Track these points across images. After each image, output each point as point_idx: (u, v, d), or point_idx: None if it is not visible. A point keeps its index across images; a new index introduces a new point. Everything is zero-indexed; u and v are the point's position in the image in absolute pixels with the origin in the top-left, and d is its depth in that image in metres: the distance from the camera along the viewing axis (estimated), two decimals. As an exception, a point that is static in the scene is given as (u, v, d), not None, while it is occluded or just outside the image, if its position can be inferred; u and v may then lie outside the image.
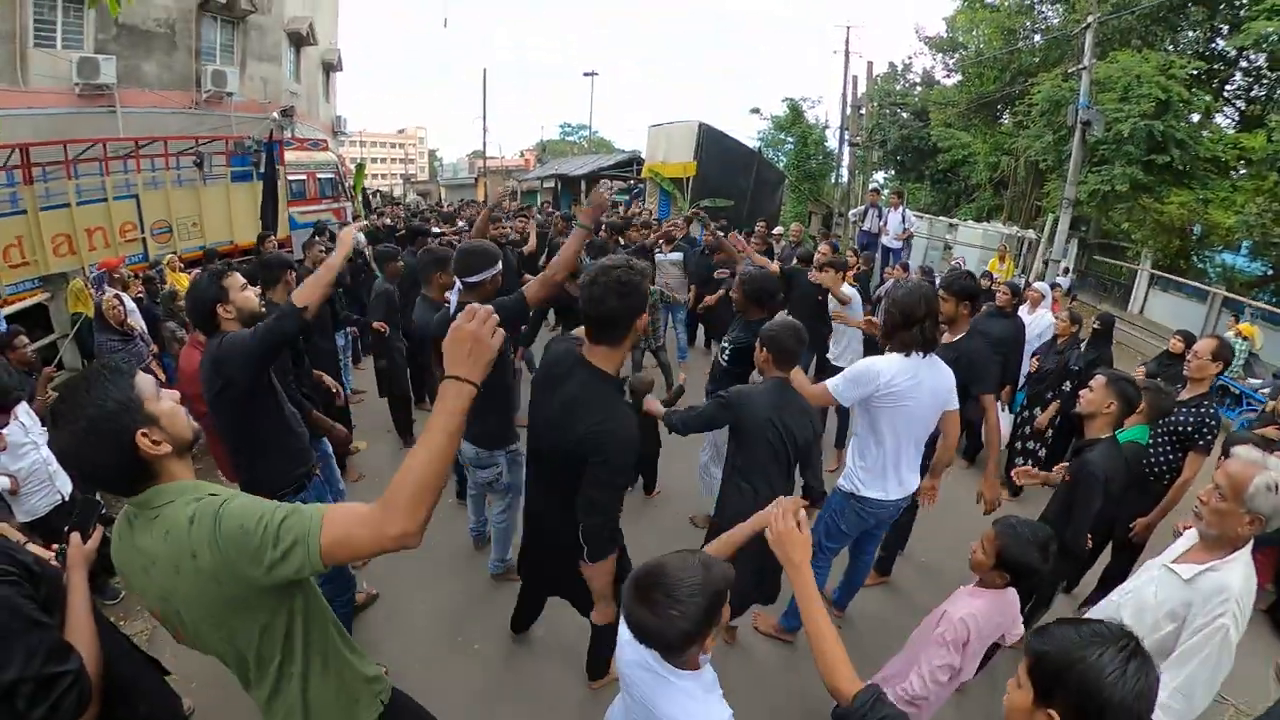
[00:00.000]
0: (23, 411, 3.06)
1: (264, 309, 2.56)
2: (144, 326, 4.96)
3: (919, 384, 2.61)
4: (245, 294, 2.47)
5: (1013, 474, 2.96)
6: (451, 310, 3.07)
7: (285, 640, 1.29)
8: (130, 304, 4.86)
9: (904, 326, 2.59)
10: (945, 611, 2.03)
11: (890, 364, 2.62)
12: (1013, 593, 2.03)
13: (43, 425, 3.83)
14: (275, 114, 12.48)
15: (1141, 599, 1.90)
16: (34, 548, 2.12)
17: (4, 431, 2.88)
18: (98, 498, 1.81)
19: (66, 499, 3.11)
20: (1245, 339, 7.65)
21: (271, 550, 1.13)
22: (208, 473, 3.36)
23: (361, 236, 2.69)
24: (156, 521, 1.20)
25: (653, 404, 3.00)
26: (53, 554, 2.05)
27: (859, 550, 3.19)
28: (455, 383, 1.18)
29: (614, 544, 2.09)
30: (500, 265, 2.99)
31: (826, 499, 2.93)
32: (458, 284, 3.00)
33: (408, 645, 3.12)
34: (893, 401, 2.63)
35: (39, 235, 7.01)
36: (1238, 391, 7.23)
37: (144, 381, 1.28)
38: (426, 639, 3.18)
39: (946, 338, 3.27)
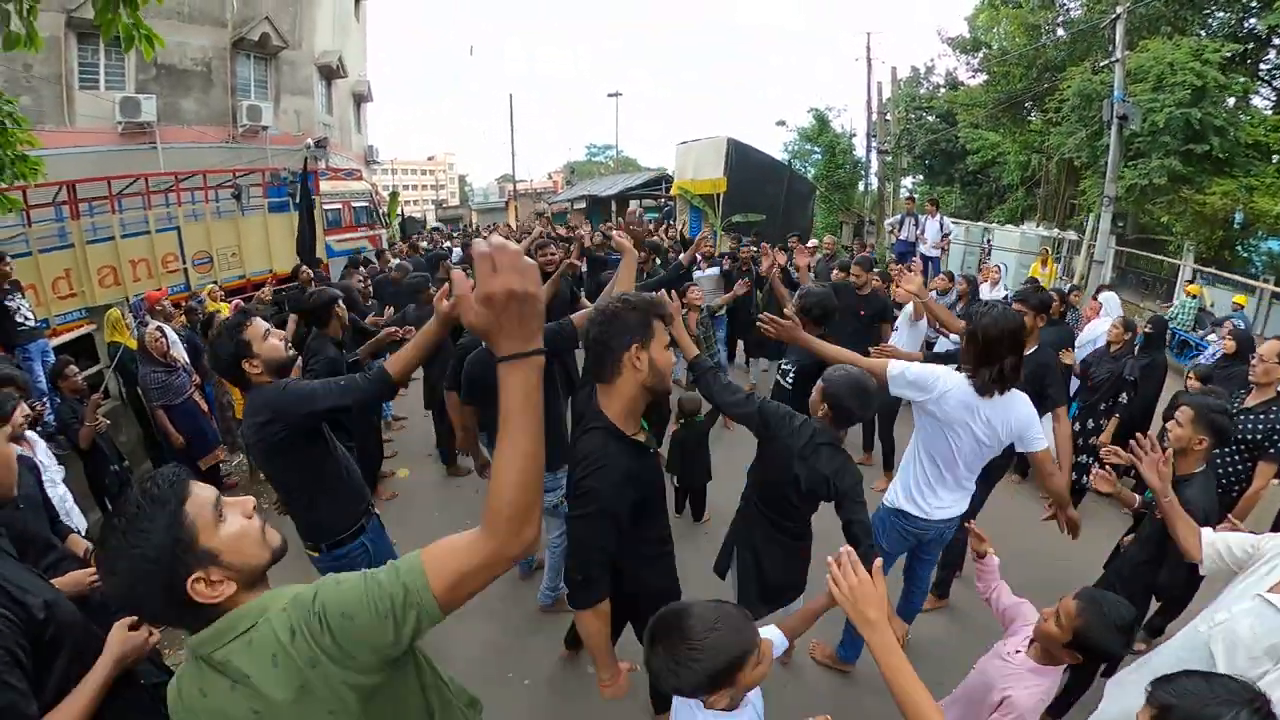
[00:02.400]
0: (41, 450, 3.12)
1: (292, 353, 2.38)
2: (187, 358, 5.07)
3: (973, 414, 2.43)
4: (270, 343, 2.26)
5: (1091, 477, 2.75)
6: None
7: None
8: (173, 336, 4.97)
9: (985, 361, 2.35)
10: (1009, 696, 1.76)
11: (954, 384, 2.43)
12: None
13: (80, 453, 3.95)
14: (309, 142, 12.82)
15: (1235, 633, 1.74)
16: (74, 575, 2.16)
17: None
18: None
19: (81, 533, 3.11)
20: (1194, 297, 8.99)
21: (393, 627, 0.97)
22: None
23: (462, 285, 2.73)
24: (249, 651, 0.99)
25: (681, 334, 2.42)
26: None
27: (912, 573, 3.07)
28: (513, 363, 0.94)
29: (593, 592, 1.84)
30: None
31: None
32: None
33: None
34: (934, 420, 2.50)
35: (86, 267, 7.29)
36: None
37: (198, 505, 1.02)
38: (474, 675, 3.06)
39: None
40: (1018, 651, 1.87)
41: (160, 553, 0.95)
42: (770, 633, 1.64)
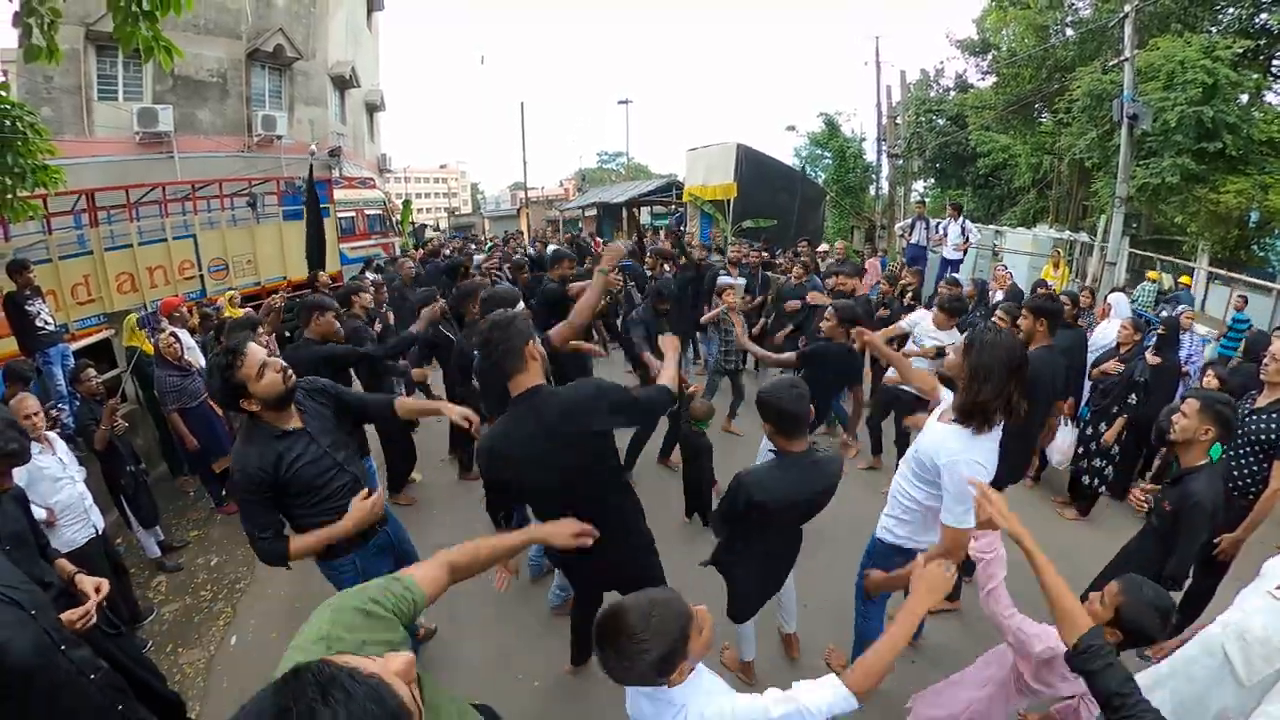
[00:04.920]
0: (61, 448, 3.19)
1: (293, 382, 2.22)
2: (202, 362, 5.15)
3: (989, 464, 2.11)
4: (267, 379, 2.07)
5: (1130, 496, 2.67)
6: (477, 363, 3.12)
7: None
8: (189, 341, 5.05)
9: (990, 401, 2.02)
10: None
11: (979, 463, 2.05)
12: None
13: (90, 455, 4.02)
14: (313, 149, 12.94)
15: (1248, 631, 1.74)
16: (84, 579, 2.22)
17: (43, 467, 2.98)
18: None
19: (100, 531, 3.24)
20: (1154, 282, 9.91)
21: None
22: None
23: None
24: None
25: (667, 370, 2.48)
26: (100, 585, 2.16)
27: None
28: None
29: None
30: (521, 306, 2.99)
31: (867, 549, 2.62)
32: None
33: (465, 682, 3.05)
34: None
35: (104, 274, 7.42)
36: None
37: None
38: (484, 675, 3.13)
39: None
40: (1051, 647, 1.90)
41: None
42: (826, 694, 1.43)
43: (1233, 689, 1.73)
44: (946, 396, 2.32)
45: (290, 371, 2.18)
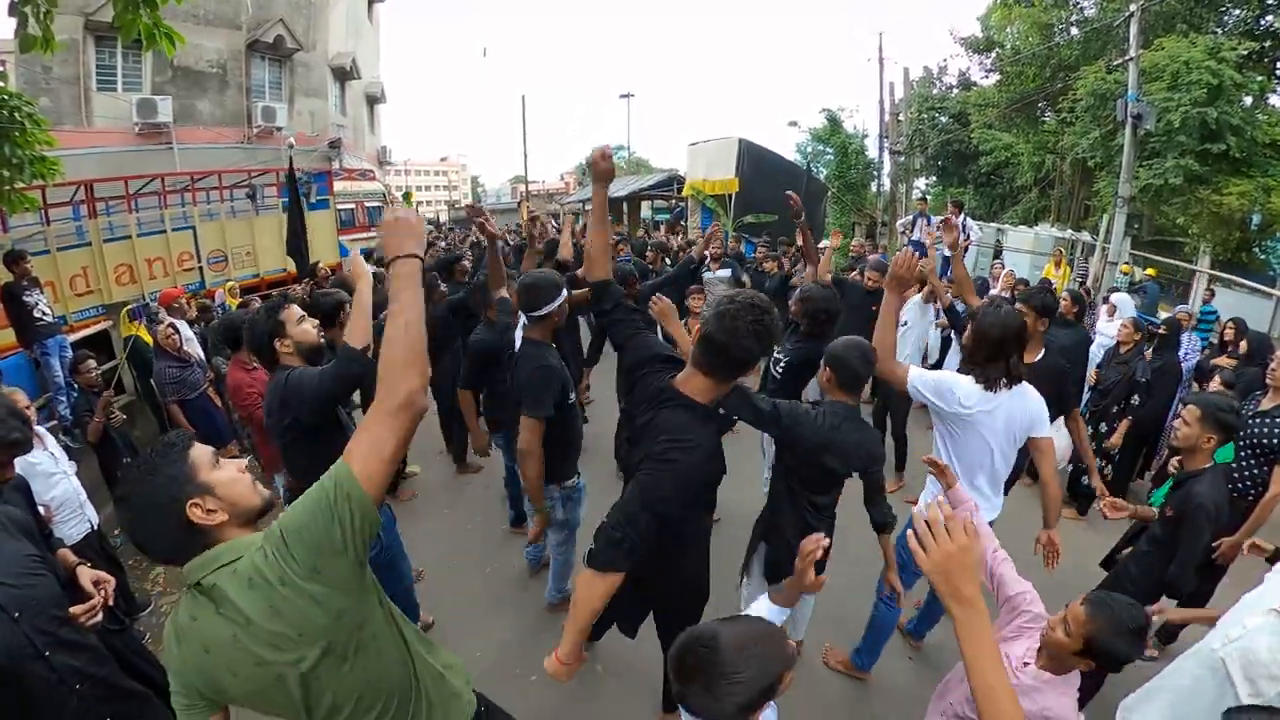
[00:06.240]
0: (51, 443, 3.15)
1: (323, 340, 2.55)
2: (201, 353, 5.13)
3: (994, 411, 2.45)
4: (302, 327, 2.45)
5: (1102, 506, 2.63)
6: (517, 345, 3.03)
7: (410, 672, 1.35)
8: (188, 332, 5.04)
9: (990, 360, 2.42)
10: (1049, 712, 1.63)
11: (971, 388, 2.46)
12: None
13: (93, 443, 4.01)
14: (290, 141, 12.70)
15: (1253, 652, 1.68)
16: (85, 572, 2.19)
17: (35, 462, 2.91)
18: None
19: (95, 526, 3.21)
20: (1126, 274, 10.64)
21: (335, 522, 1.12)
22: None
23: (363, 262, 2.64)
24: (233, 578, 1.13)
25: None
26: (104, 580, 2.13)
27: None
28: (403, 260, 1.32)
29: (615, 558, 1.69)
30: (564, 294, 2.90)
31: (899, 539, 2.65)
32: (523, 318, 2.93)
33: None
34: (962, 425, 2.49)
35: (103, 265, 7.41)
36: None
37: (199, 451, 1.24)
38: (483, 669, 3.11)
39: (1026, 358, 3.08)
40: (1026, 664, 1.74)
41: (168, 481, 1.16)
42: (762, 608, 1.62)
43: (1231, 704, 1.71)
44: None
45: (322, 331, 2.51)
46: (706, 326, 1.74)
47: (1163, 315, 8.41)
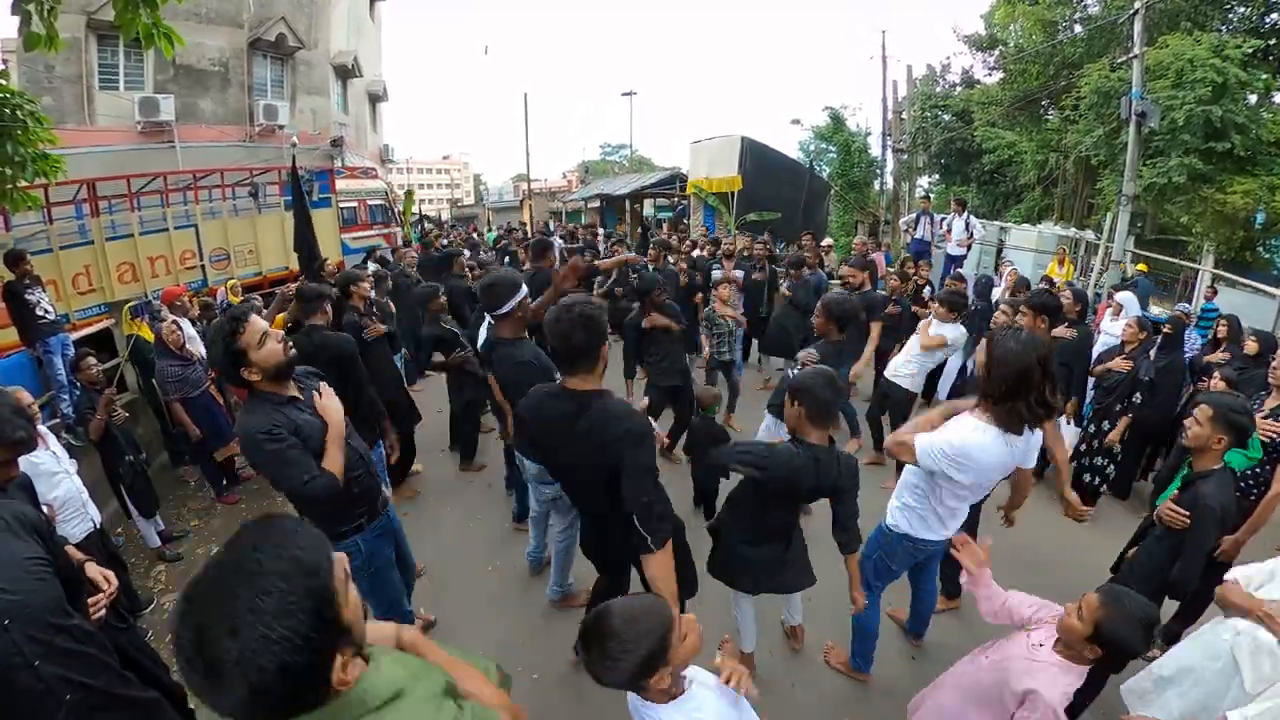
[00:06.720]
0: (53, 442, 3.16)
1: (293, 353, 2.28)
2: (203, 352, 5.13)
3: (1006, 463, 2.24)
4: (266, 349, 2.14)
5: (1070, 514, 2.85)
6: (480, 343, 3.17)
7: None
8: (190, 330, 5.04)
9: (1012, 395, 2.05)
10: (1035, 692, 1.71)
11: (993, 445, 2.14)
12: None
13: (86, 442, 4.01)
14: (294, 140, 12.74)
15: (1258, 643, 1.71)
16: (92, 567, 2.19)
17: (38, 462, 2.90)
18: None
19: (97, 525, 3.21)
20: (1119, 269, 10.56)
21: None
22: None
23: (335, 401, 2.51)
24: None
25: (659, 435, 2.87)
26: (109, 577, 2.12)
27: (919, 580, 3.04)
28: None
29: (670, 523, 2.00)
30: (525, 290, 2.96)
31: (873, 536, 2.74)
32: (487, 318, 2.99)
33: (463, 672, 3.07)
34: (961, 480, 2.28)
35: (105, 264, 7.42)
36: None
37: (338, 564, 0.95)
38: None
39: None
40: (1041, 645, 1.84)
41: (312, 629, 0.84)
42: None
43: (1238, 694, 1.71)
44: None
45: (290, 343, 2.24)
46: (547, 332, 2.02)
47: (1154, 310, 8.51)
